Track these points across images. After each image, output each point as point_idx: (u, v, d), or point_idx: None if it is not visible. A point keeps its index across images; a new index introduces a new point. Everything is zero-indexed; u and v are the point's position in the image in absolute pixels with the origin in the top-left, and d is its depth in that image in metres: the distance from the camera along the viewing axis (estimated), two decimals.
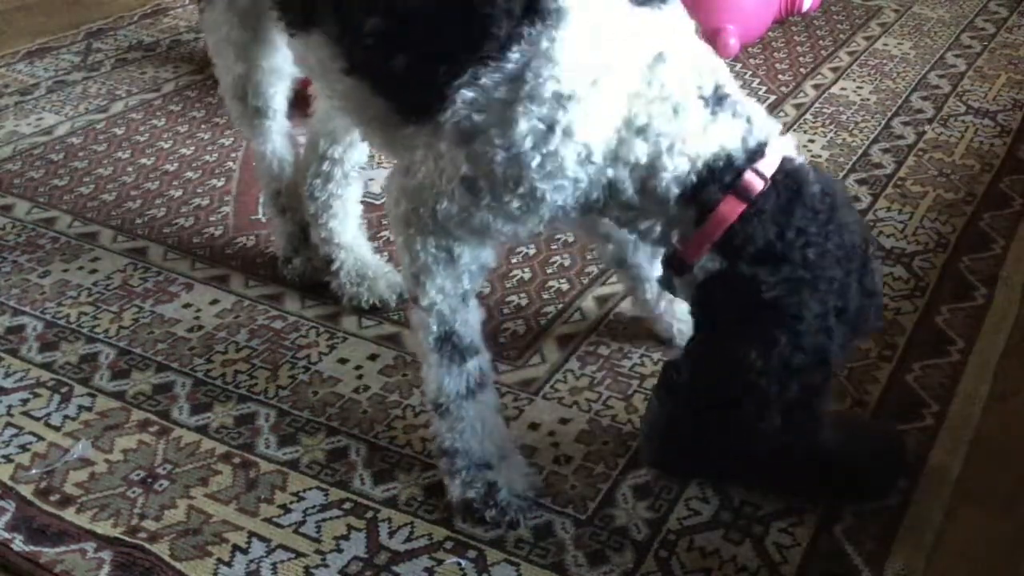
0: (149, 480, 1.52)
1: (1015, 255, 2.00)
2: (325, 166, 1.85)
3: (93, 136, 2.53)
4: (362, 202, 1.96)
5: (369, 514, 1.45)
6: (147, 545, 1.41)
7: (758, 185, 1.23)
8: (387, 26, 1.27)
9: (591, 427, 1.60)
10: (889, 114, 2.59)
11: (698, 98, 1.23)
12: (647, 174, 1.23)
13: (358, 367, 1.74)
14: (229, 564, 1.38)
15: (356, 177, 1.88)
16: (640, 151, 1.22)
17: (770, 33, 3.06)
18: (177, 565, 1.38)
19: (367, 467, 1.53)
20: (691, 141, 1.22)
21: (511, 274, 1.97)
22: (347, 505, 1.47)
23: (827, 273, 1.22)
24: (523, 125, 1.19)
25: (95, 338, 1.81)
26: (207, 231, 2.13)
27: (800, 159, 1.29)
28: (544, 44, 1.18)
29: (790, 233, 1.21)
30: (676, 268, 1.31)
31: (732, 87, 1.28)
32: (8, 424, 1.62)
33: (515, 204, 1.25)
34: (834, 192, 1.27)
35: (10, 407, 1.66)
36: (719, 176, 1.23)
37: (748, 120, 1.26)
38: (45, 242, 2.10)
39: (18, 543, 1.41)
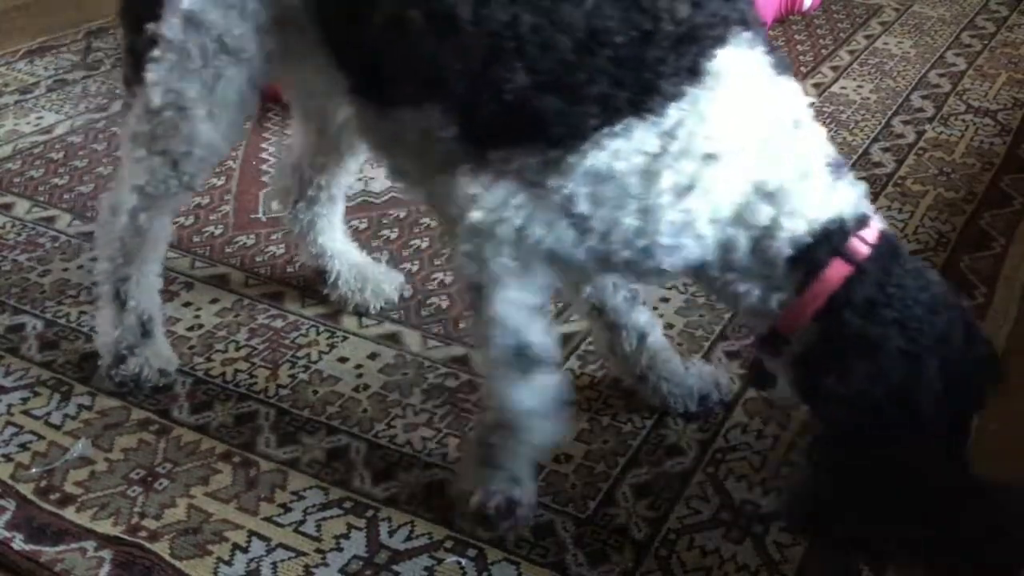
0: (149, 479, 1.52)
1: (1015, 254, 2.00)
2: (311, 191, 1.83)
3: (93, 135, 2.53)
4: (362, 202, 1.97)
5: (369, 513, 1.45)
6: (147, 544, 1.40)
7: (864, 250, 1.22)
8: (540, 81, 1.20)
9: (591, 426, 1.60)
10: (889, 113, 2.59)
11: (825, 165, 1.24)
12: (763, 234, 1.22)
13: (358, 366, 1.74)
14: (229, 563, 1.38)
15: (341, 196, 1.86)
16: (765, 214, 1.20)
17: (770, 32, 3.06)
18: (177, 564, 1.38)
19: (367, 466, 1.53)
20: (813, 206, 1.21)
21: None
22: (347, 504, 1.47)
23: (933, 319, 1.20)
24: (666, 180, 1.17)
25: (95, 337, 1.81)
26: (207, 230, 2.13)
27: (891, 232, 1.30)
28: (702, 104, 1.17)
29: (892, 289, 1.20)
30: (773, 345, 1.28)
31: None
32: (8, 423, 1.62)
33: (624, 255, 1.23)
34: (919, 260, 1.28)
35: (10, 406, 1.66)
36: (831, 239, 1.21)
37: (860, 192, 1.26)
38: (45, 241, 2.10)
39: (18, 542, 1.41)
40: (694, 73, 1.18)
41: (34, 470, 1.53)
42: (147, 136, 1.51)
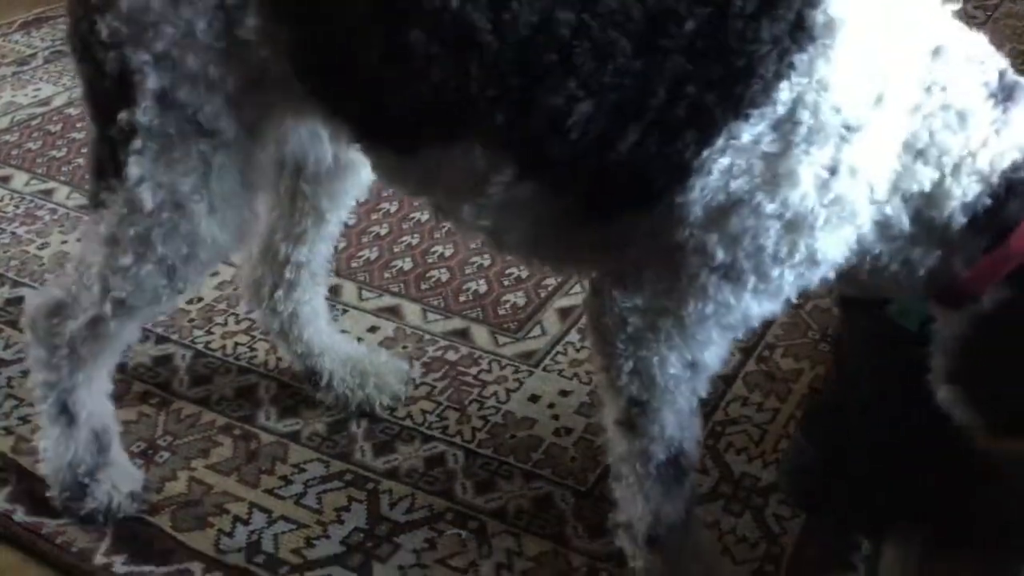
0: (150, 452, 1.52)
1: None
2: (289, 273, 1.54)
3: None
4: None
5: (370, 486, 1.46)
6: (148, 517, 1.41)
7: None
8: (607, 106, 0.99)
9: (591, 399, 1.60)
10: None
11: (987, 96, 1.00)
12: (925, 203, 1.00)
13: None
14: (231, 535, 1.39)
15: (323, 272, 1.59)
16: (923, 178, 0.99)
17: None
18: (179, 536, 1.38)
19: (368, 439, 1.54)
20: (983, 154, 0.99)
21: None
22: (348, 477, 1.47)
23: None
24: (804, 177, 0.95)
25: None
26: None
27: None
28: (819, 70, 0.95)
29: None
30: (950, 302, 1.08)
31: (1008, 65, 1.04)
32: (8, 395, 1.62)
33: (789, 277, 1.01)
34: None
35: (10, 379, 1.66)
36: (1018, 191, 1.00)
37: None
38: (44, 213, 2.09)
39: (19, 514, 1.41)
40: (799, 31, 0.94)
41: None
42: (136, 241, 1.23)
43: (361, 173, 1.47)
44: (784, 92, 0.94)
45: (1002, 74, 1.02)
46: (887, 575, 1.29)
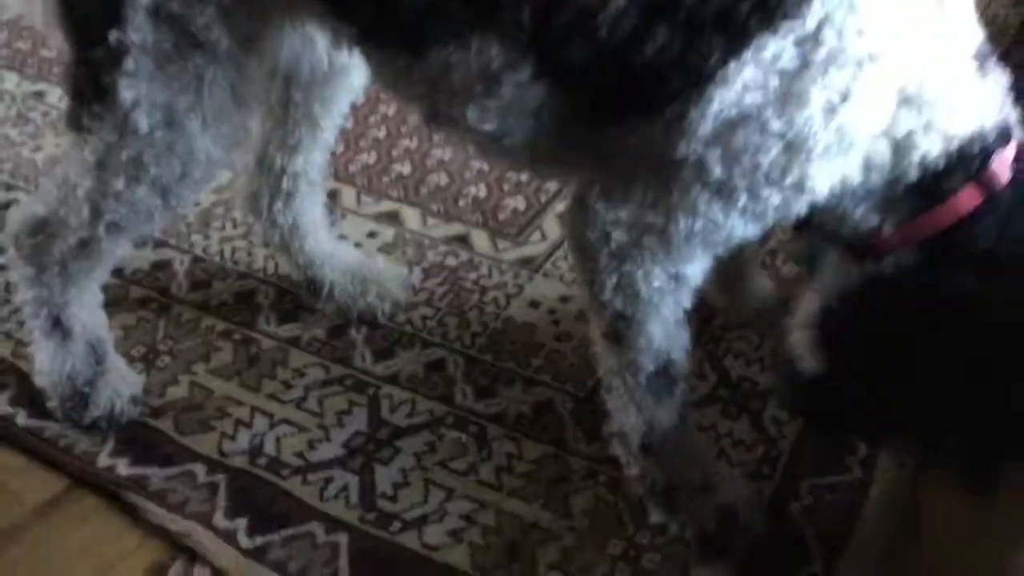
0: (150, 356, 1.52)
1: None
2: (286, 184, 1.52)
3: None
4: None
5: (370, 390, 1.46)
6: (150, 421, 1.42)
7: (1004, 176, 1.00)
8: (640, 2, 0.97)
9: None
10: None
11: (972, 58, 0.99)
12: (898, 149, 1.00)
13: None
14: (233, 438, 1.40)
15: (321, 180, 1.58)
16: (903, 126, 0.98)
17: None
18: (181, 440, 1.39)
19: (368, 344, 1.54)
20: (953, 119, 0.99)
21: None
22: (348, 381, 1.48)
23: None
24: (815, 99, 0.94)
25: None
26: None
27: None
28: None
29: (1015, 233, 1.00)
30: (857, 254, 1.09)
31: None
32: (6, 300, 1.62)
33: (775, 200, 1.00)
34: None
35: (8, 283, 1.65)
36: (967, 163, 1.00)
37: (1004, 88, 1.02)
38: (36, 116, 2.06)
39: (21, 418, 1.42)
40: None
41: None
42: (128, 165, 1.21)
43: (352, 77, 1.44)
44: (816, 8, 0.92)
45: (982, 41, 1.02)
46: (884, 479, 1.31)
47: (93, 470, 1.35)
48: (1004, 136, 1.02)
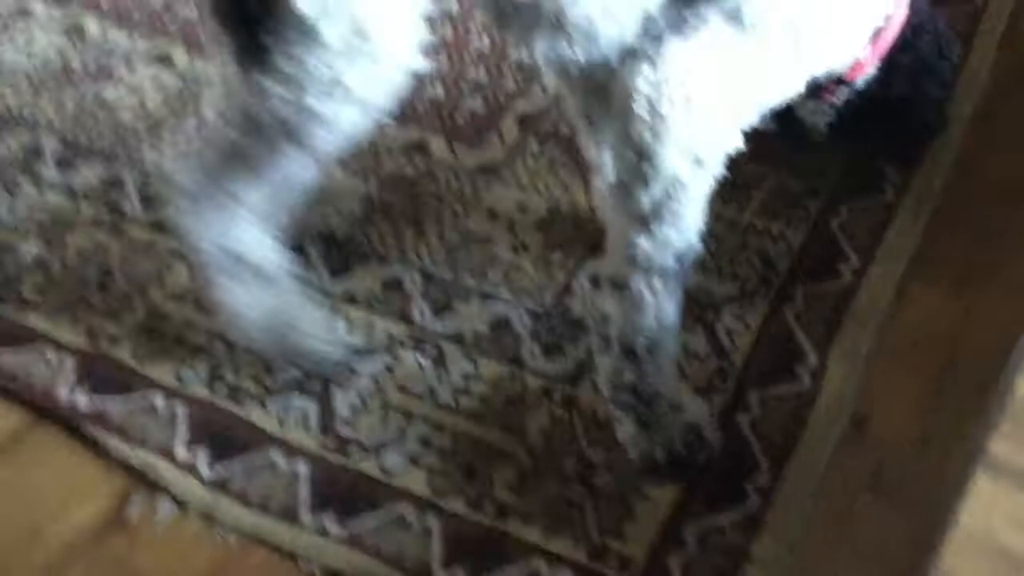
0: (106, 278, 1.51)
1: (994, 8, 1.91)
2: None
3: None
4: None
5: (327, 308, 1.46)
6: (108, 350, 1.42)
7: None
8: None
9: (550, 215, 1.58)
10: None
11: None
12: None
13: None
14: (191, 365, 1.40)
15: None
16: None
17: None
18: (138, 368, 1.40)
19: (324, 262, 1.53)
20: None
21: (470, 46, 1.88)
22: None
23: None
24: None
25: (38, 125, 1.75)
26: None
27: None
28: None
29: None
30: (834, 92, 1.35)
31: None
32: None
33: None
34: None
35: None
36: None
37: None
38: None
39: None
40: None
41: None
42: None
43: None
44: None
45: None
46: (830, 388, 1.34)
47: (54, 405, 1.36)
48: None
